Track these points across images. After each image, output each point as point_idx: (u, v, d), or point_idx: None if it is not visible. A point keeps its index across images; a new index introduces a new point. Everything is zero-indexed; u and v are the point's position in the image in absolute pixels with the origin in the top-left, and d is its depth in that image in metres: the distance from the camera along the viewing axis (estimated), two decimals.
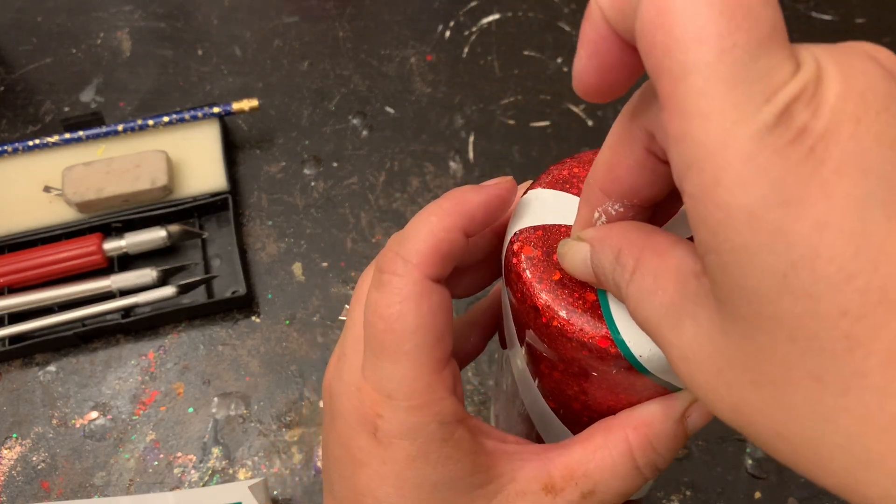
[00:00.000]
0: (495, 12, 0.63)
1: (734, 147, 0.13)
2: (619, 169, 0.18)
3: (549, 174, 0.24)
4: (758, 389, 0.14)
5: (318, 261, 0.53)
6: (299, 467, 0.46)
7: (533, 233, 0.22)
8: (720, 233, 0.13)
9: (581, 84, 0.17)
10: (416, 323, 0.20)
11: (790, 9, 0.62)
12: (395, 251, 0.21)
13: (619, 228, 0.19)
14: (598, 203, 0.20)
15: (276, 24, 0.63)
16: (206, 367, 0.49)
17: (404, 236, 0.21)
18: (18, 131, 0.59)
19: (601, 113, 0.58)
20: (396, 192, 0.55)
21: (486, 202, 0.22)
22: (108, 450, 0.47)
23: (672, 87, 0.13)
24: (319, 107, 0.59)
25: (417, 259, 0.21)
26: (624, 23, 0.15)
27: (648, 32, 0.14)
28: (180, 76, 0.61)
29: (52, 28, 0.64)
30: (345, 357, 0.22)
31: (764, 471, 0.45)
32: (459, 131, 0.58)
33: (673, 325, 0.16)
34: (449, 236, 0.21)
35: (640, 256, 0.18)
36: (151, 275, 0.50)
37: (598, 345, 0.20)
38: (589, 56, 0.16)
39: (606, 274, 0.19)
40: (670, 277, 0.17)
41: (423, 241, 0.21)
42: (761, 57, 0.13)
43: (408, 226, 0.21)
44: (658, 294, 0.17)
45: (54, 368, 0.49)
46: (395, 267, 0.21)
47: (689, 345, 0.16)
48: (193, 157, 0.55)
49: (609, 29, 0.16)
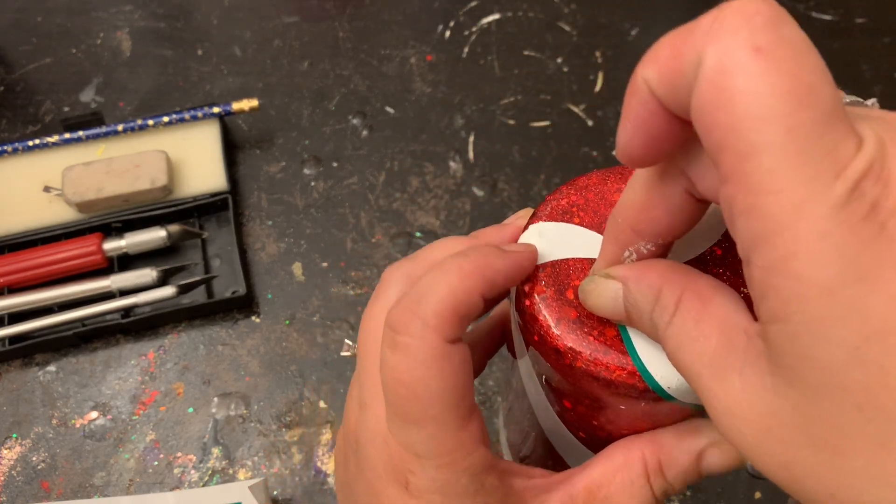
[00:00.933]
0: (495, 12, 0.63)
1: (807, 223, 0.13)
2: (656, 210, 0.19)
3: (548, 205, 0.23)
4: (815, 452, 0.15)
5: (318, 261, 0.53)
6: (299, 467, 0.46)
7: (542, 270, 0.22)
8: (793, 304, 0.14)
9: (626, 155, 0.17)
10: (440, 387, 0.20)
11: (790, 9, 0.62)
12: (412, 310, 0.20)
13: (658, 267, 0.19)
14: (629, 242, 0.20)
15: (276, 24, 0.63)
16: (206, 367, 0.49)
17: (421, 294, 0.20)
18: (18, 131, 0.59)
19: (601, 113, 0.58)
20: (396, 192, 0.55)
21: (508, 269, 0.21)
22: (108, 450, 0.47)
23: (738, 164, 0.14)
24: (319, 107, 0.59)
25: (436, 322, 0.20)
26: (674, 98, 0.15)
27: (708, 112, 0.14)
28: (180, 76, 0.61)
29: (52, 28, 0.64)
30: (367, 406, 0.22)
31: None
32: (459, 131, 0.58)
33: (716, 377, 0.16)
34: (468, 299, 0.20)
35: (681, 298, 0.18)
36: (151, 275, 0.50)
37: (627, 382, 0.20)
38: (635, 129, 0.16)
39: (643, 314, 0.19)
40: (713, 326, 0.17)
41: (442, 302, 0.20)
42: (826, 134, 0.13)
43: (425, 281, 0.21)
44: (700, 341, 0.17)
45: (54, 368, 0.49)
46: (412, 328, 0.20)
47: (736, 400, 0.16)
48: (193, 157, 0.55)
49: (657, 103, 0.16)
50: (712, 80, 0.14)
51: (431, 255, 0.24)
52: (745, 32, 0.14)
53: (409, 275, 0.24)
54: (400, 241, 0.53)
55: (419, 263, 0.24)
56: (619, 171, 0.24)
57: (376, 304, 0.24)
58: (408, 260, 0.24)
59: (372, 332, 0.23)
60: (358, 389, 0.23)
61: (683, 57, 0.14)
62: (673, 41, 0.15)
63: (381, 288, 0.24)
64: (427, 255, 0.24)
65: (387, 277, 0.24)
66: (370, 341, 0.23)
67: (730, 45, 0.14)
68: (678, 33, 0.15)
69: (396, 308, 0.21)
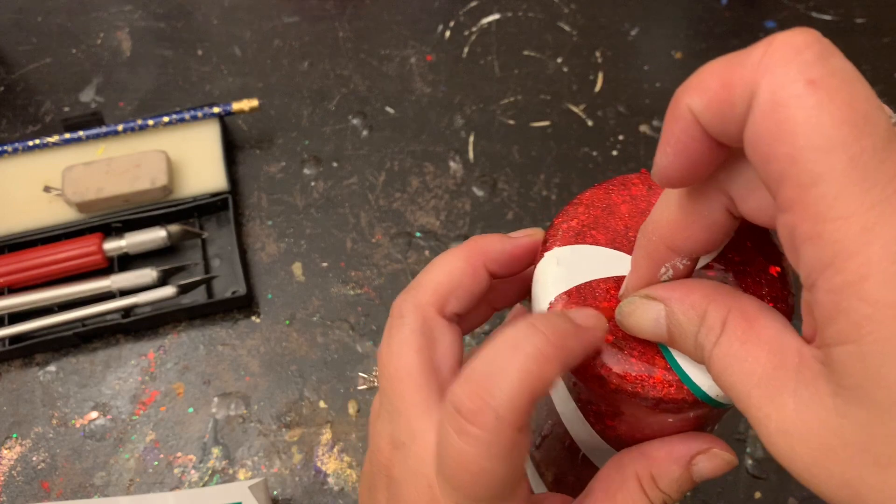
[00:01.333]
0: (495, 12, 0.63)
1: (878, 246, 0.14)
2: (694, 227, 0.19)
3: (558, 230, 0.23)
4: (881, 470, 0.15)
5: (318, 261, 0.53)
6: (299, 467, 0.46)
7: (568, 298, 0.22)
8: (864, 326, 0.14)
9: (665, 178, 0.18)
10: (506, 475, 0.19)
11: (790, 9, 0.62)
12: (483, 399, 0.18)
13: (701, 288, 0.19)
14: (665, 259, 0.20)
15: (276, 24, 0.63)
16: (206, 367, 0.49)
17: (494, 377, 0.18)
18: (18, 131, 0.59)
19: (601, 113, 0.58)
20: (396, 192, 0.55)
21: (585, 349, 0.20)
22: (108, 450, 0.47)
23: (801, 194, 0.14)
24: (319, 107, 0.59)
25: (513, 417, 0.18)
26: (721, 127, 0.16)
27: (766, 144, 0.15)
28: (180, 76, 0.61)
29: (52, 28, 0.64)
30: (405, 446, 0.22)
31: (764, 471, 0.45)
32: (459, 131, 0.58)
33: (768, 397, 0.17)
34: (544, 387, 0.19)
35: (727, 319, 0.18)
36: (151, 275, 0.50)
37: (675, 397, 0.20)
38: (677, 154, 0.17)
39: (687, 335, 0.19)
40: (761, 347, 0.17)
41: (518, 391, 0.18)
42: (887, 159, 0.14)
43: (493, 357, 0.19)
44: (748, 362, 0.17)
45: (54, 368, 0.49)
46: (485, 420, 0.18)
47: (792, 420, 0.16)
48: (193, 157, 0.55)
49: (700, 130, 0.16)
50: (769, 112, 0.14)
51: (435, 278, 0.24)
52: (798, 65, 0.14)
53: (420, 305, 0.23)
54: (400, 241, 0.53)
55: (426, 291, 0.23)
56: (621, 181, 0.24)
57: (394, 340, 0.23)
58: (413, 289, 0.24)
59: (395, 370, 0.22)
60: (389, 426, 0.23)
61: (733, 88, 0.15)
62: (720, 72, 0.15)
63: (394, 322, 0.23)
64: (431, 278, 0.24)
65: (397, 312, 0.23)
66: (396, 380, 0.22)
67: (784, 79, 0.14)
68: (725, 64, 0.15)
69: (464, 390, 0.19)
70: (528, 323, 0.19)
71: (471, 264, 0.23)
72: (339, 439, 0.47)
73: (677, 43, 0.61)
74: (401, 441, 0.22)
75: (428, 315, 0.23)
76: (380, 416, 0.23)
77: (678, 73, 0.59)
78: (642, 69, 0.60)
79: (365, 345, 0.50)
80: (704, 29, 0.61)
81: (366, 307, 0.51)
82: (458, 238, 0.53)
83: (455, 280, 0.23)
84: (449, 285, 0.23)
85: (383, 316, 0.50)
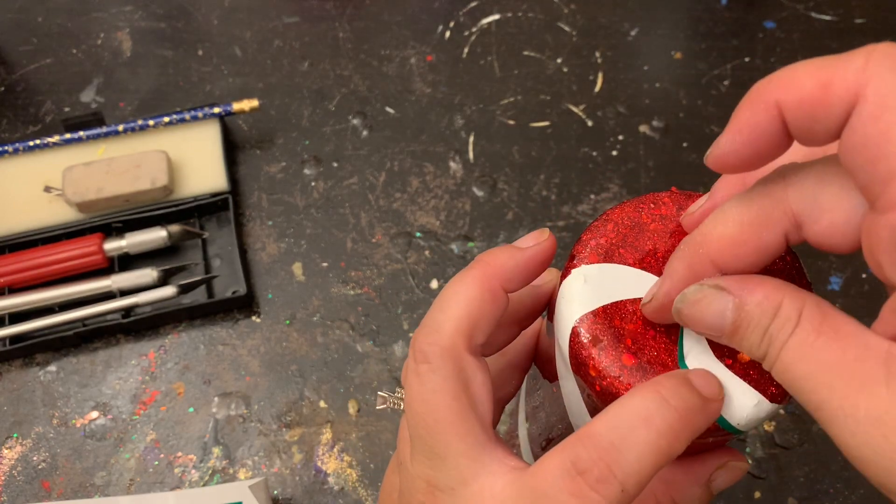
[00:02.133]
0: (495, 12, 0.63)
1: None
2: (745, 247, 0.19)
3: (586, 246, 0.23)
4: None
5: (318, 261, 0.53)
6: (299, 467, 0.46)
7: (593, 318, 0.21)
8: None
9: (722, 162, 0.18)
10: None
11: (790, 9, 0.62)
12: (612, 470, 0.18)
13: (772, 281, 0.19)
14: (705, 274, 0.19)
15: (276, 25, 0.63)
16: (206, 366, 0.49)
17: (620, 447, 0.18)
18: (19, 131, 0.59)
19: (601, 113, 0.58)
20: (396, 192, 0.55)
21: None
22: (108, 450, 0.47)
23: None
24: (319, 107, 0.59)
25: (636, 491, 0.19)
26: (809, 125, 0.16)
27: (875, 145, 0.15)
28: (180, 76, 0.61)
29: (53, 28, 0.64)
30: (452, 491, 0.21)
31: (764, 471, 0.45)
32: (459, 131, 0.58)
33: (855, 386, 0.16)
34: (668, 462, 0.19)
35: (804, 310, 0.18)
36: (152, 275, 0.50)
37: None
38: (746, 143, 0.17)
39: (757, 327, 0.18)
40: (839, 340, 0.17)
41: (647, 468, 0.18)
42: None
43: (621, 425, 0.19)
44: (827, 352, 0.17)
45: (55, 368, 0.49)
46: (609, 490, 0.18)
47: (887, 408, 0.16)
48: (194, 157, 0.55)
49: (780, 125, 0.17)
50: (879, 114, 0.15)
51: (455, 314, 0.22)
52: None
53: (446, 348, 0.22)
54: (400, 241, 0.53)
55: (448, 330, 0.22)
56: (651, 199, 0.23)
57: (426, 388, 0.21)
58: (433, 330, 0.22)
59: (434, 422, 0.21)
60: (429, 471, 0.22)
61: (832, 90, 0.16)
62: (817, 74, 0.16)
63: (420, 369, 0.22)
64: (450, 315, 0.22)
65: (422, 356, 0.22)
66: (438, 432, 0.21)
67: (892, 85, 0.15)
68: (823, 66, 0.16)
69: (589, 454, 0.19)
70: (659, 396, 0.19)
71: (488, 290, 0.22)
72: (340, 439, 0.47)
73: (677, 43, 0.61)
74: (448, 486, 0.21)
75: (456, 356, 0.22)
76: (413, 458, 0.22)
77: (678, 73, 0.59)
78: (642, 69, 0.60)
79: (365, 344, 0.50)
80: (704, 29, 0.61)
81: (366, 307, 0.51)
82: (458, 238, 0.53)
83: (475, 312, 0.22)
84: (470, 319, 0.22)
85: (383, 316, 0.51)
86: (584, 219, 0.53)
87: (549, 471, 0.19)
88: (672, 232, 0.23)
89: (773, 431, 0.46)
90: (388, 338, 0.50)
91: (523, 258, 0.23)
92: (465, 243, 0.53)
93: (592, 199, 0.54)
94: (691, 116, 0.57)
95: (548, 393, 0.27)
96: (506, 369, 0.28)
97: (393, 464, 0.26)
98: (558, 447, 0.19)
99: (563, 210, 0.54)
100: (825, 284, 0.50)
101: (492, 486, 0.20)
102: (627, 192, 0.54)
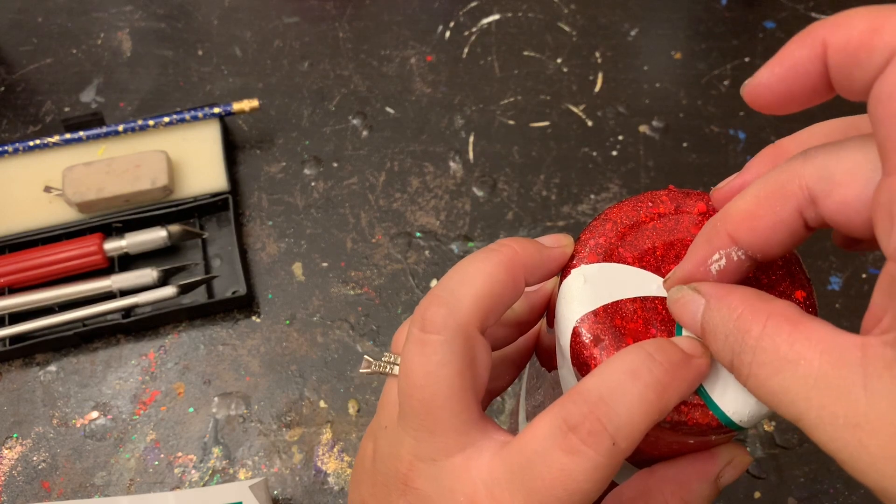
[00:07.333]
0: (495, 12, 0.63)
1: None
2: (761, 221, 0.19)
3: (585, 246, 0.23)
4: None
5: (318, 261, 0.53)
6: (299, 467, 0.46)
7: (594, 318, 0.21)
8: None
9: (756, 94, 0.18)
10: (593, 498, 0.19)
11: (790, 9, 0.62)
12: (602, 424, 0.19)
13: (741, 293, 0.19)
14: (721, 246, 0.20)
15: (276, 25, 0.63)
16: (206, 367, 0.49)
17: (610, 401, 0.19)
18: (19, 131, 0.59)
19: (601, 113, 0.58)
20: (396, 192, 0.55)
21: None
22: (108, 450, 0.47)
23: None
24: (319, 107, 0.59)
25: (627, 444, 0.19)
26: (848, 70, 0.16)
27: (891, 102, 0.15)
28: (180, 76, 0.61)
29: (53, 28, 0.64)
30: (434, 462, 0.21)
31: (764, 471, 0.45)
32: (459, 131, 0.58)
33: (832, 396, 0.16)
34: (660, 417, 0.19)
35: (767, 324, 0.18)
36: (152, 275, 0.50)
37: (700, 422, 0.20)
38: (782, 77, 0.17)
39: (717, 333, 0.19)
40: (812, 347, 0.17)
41: (637, 420, 0.19)
42: None
43: (609, 381, 0.19)
44: (800, 364, 0.17)
45: (55, 368, 0.49)
46: (601, 443, 0.19)
47: (863, 413, 0.16)
48: (194, 157, 0.55)
49: (821, 61, 0.16)
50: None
51: (476, 291, 0.22)
52: None
53: (462, 324, 0.22)
54: (400, 242, 0.53)
55: (467, 306, 0.22)
56: (649, 197, 0.24)
57: (430, 360, 0.21)
58: (449, 302, 0.22)
59: (432, 395, 0.21)
60: (413, 442, 0.22)
61: (880, 35, 0.15)
62: (871, 17, 0.16)
63: (428, 339, 0.22)
64: (470, 291, 0.22)
65: (432, 326, 0.22)
66: (434, 406, 0.21)
67: None
68: (878, 12, 0.16)
69: (580, 409, 0.19)
70: (644, 351, 0.19)
71: (511, 276, 0.22)
72: (340, 439, 0.47)
73: (677, 43, 0.61)
74: (429, 457, 0.21)
75: (470, 334, 0.21)
76: (400, 425, 0.22)
77: (678, 73, 0.59)
78: (642, 69, 0.60)
79: (365, 344, 0.50)
80: (704, 29, 0.61)
81: (366, 307, 0.51)
82: (459, 238, 0.53)
83: (497, 294, 0.21)
84: (491, 300, 0.21)
85: (383, 316, 0.51)
86: (584, 219, 0.53)
87: (540, 431, 0.19)
88: (671, 230, 0.23)
89: (773, 431, 0.46)
90: (388, 338, 0.50)
91: (549, 255, 0.23)
92: (465, 243, 0.53)
93: (592, 199, 0.54)
94: (691, 116, 0.57)
95: (549, 392, 0.28)
96: (501, 363, 0.28)
97: (370, 429, 0.25)
98: (548, 409, 0.20)
99: (563, 210, 0.54)
100: (825, 284, 0.50)
101: (478, 458, 0.20)
102: (627, 192, 0.54)
